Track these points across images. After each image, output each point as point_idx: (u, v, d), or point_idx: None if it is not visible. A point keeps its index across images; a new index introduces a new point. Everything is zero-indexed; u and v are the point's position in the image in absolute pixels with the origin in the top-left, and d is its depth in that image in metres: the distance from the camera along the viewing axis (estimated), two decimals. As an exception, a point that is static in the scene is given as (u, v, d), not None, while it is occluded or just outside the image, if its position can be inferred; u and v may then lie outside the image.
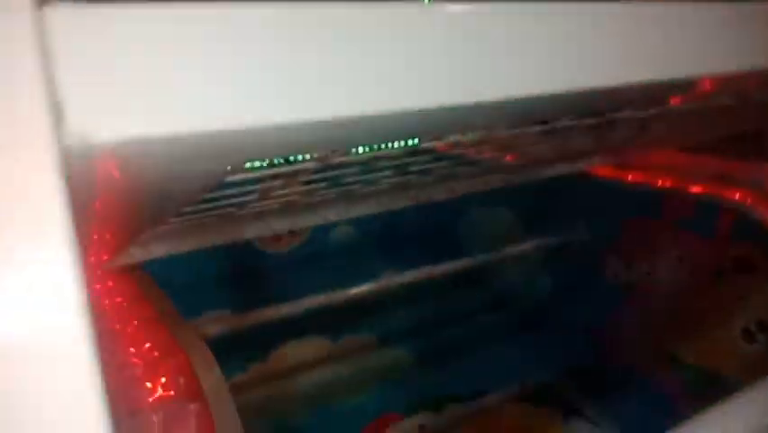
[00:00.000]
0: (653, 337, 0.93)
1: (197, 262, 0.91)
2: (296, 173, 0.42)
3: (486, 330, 1.14)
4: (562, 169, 0.79)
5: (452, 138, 0.41)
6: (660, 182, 0.93)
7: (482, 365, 1.04)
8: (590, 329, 1.03)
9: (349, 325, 1.07)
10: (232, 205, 0.47)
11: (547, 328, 1.10)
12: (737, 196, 0.86)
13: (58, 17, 0.14)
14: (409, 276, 1.01)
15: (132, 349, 0.57)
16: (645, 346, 0.94)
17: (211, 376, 0.53)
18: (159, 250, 0.62)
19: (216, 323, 0.98)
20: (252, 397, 1.00)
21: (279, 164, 0.39)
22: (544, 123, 0.43)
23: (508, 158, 0.61)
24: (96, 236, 0.43)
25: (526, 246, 1.09)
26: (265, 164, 0.38)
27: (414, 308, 1.12)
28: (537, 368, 1.03)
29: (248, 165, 0.35)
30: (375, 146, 0.40)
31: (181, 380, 0.53)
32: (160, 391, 0.52)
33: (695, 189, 0.90)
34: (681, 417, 0.41)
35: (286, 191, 0.48)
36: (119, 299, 0.61)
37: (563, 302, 1.09)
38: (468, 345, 1.09)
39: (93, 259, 0.57)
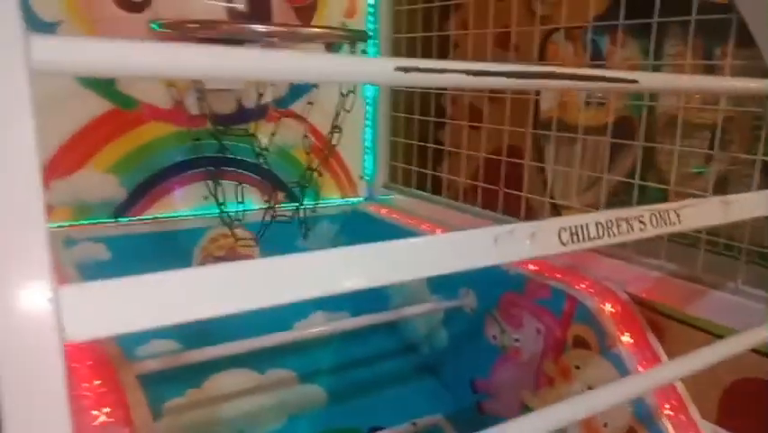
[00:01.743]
0: (515, 391, 1.15)
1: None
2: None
3: (391, 373, 1.35)
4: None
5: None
6: (529, 266, 1.16)
7: (382, 403, 1.25)
8: (472, 380, 1.24)
9: (275, 360, 1.27)
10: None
11: (441, 375, 1.31)
12: (583, 285, 1.09)
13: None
14: (336, 323, 1.20)
15: (85, 384, 0.76)
16: (510, 397, 1.16)
17: (141, 410, 0.73)
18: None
19: (161, 351, 1.17)
20: (186, 420, 1.19)
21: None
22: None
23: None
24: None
25: (430, 305, 1.30)
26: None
27: (333, 349, 1.32)
28: (428, 409, 1.24)
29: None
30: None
31: (120, 411, 0.73)
32: (103, 418, 0.72)
33: (553, 275, 1.12)
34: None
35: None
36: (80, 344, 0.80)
37: (454, 354, 1.31)
38: (373, 385, 1.30)
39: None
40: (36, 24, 1.20)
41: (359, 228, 1.65)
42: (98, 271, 1.25)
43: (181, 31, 1.13)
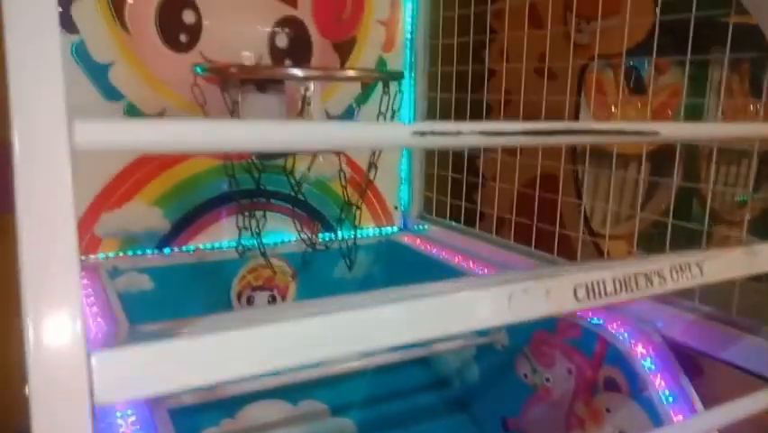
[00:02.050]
0: (546, 431, 1.14)
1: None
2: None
3: (422, 407, 1.35)
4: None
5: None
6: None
7: (413, 438, 1.25)
8: (503, 417, 1.24)
9: (307, 392, 1.29)
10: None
11: (472, 411, 1.31)
12: (614, 326, 1.08)
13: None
14: (368, 357, 1.21)
15: (118, 413, 0.79)
16: (541, 438, 1.15)
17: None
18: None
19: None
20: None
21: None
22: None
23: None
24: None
25: (462, 341, 1.31)
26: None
27: (365, 382, 1.33)
28: (458, 445, 1.24)
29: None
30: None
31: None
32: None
33: (584, 315, 1.11)
34: None
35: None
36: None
37: (486, 390, 1.31)
38: (404, 419, 1.30)
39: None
40: (91, 66, 1.27)
41: (394, 259, 1.67)
42: (142, 301, 1.31)
43: (223, 74, 1.19)
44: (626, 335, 1.04)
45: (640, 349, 1.02)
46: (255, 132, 0.44)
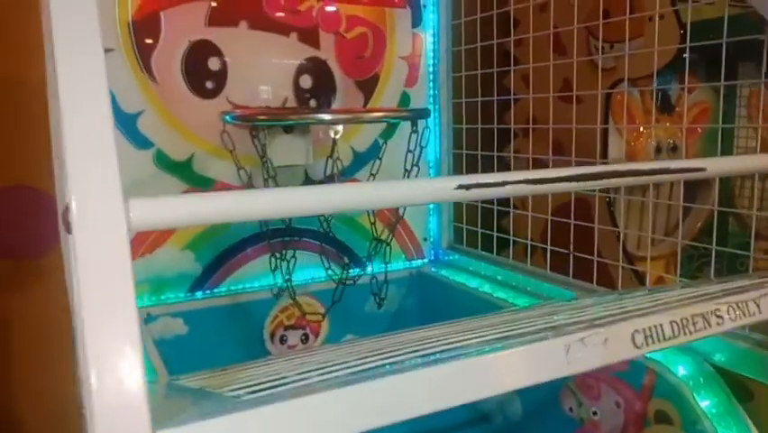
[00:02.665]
0: (595, 469, 1.10)
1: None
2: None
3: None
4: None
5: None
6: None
7: (457, 477, 1.22)
8: (549, 454, 1.20)
9: None
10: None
11: (516, 448, 1.28)
12: (663, 358, 1.05)
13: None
14: None
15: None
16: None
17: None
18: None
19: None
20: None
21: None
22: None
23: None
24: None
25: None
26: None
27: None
28: (504, 484, 1.21)
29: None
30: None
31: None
32: None
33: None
34: None
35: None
36: None
37: (530, 425, 1.27)
38: (447, 457, 1.27)
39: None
40: (121, 117, 1.30)
41: (425, 291, 1.65)
42: (177, 346, 1.31)
43: (252, 122, 1.20)
44: (676, 366, 1.01)
45: (691, 380, 0.99)
46: (312, 196, 0.43)
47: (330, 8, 1.47)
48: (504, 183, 0.50)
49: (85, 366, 0.36)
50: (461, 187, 0.48)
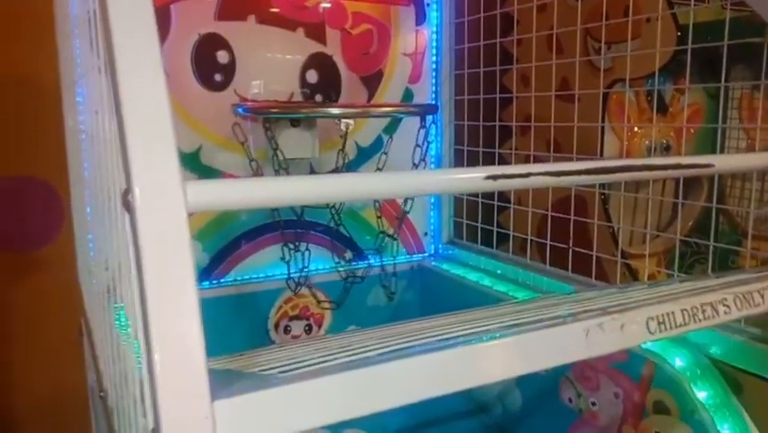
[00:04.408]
0: (594, 457, 1.14)
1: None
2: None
3: (464, 433, 1.35)
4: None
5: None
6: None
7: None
8: (548, 443, 1.24)
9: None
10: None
11: (515, 437, 1.31)
12: (661, 349, 1.08)
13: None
14: None
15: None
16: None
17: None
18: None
19: None
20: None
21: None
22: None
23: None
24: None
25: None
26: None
27: (403, 408, 1.34)
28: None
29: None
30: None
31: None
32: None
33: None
34: None
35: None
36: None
37: (529, 416, 1.31)
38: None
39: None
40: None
41: (426, 285, 1.68)
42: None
43: (266, 114, 1.22)
44: (673, 357, 1.05)
45: (688, 372, 1.02)
46: (344, 184, 0.46)
47: (336, 5, 1.49)
48: (528, 174, 0.53)
49: (147, 341, 0.38)
50: (489, 177, 0.51)
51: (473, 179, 0.51)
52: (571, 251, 1.34)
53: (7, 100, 1.62)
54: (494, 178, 0.51)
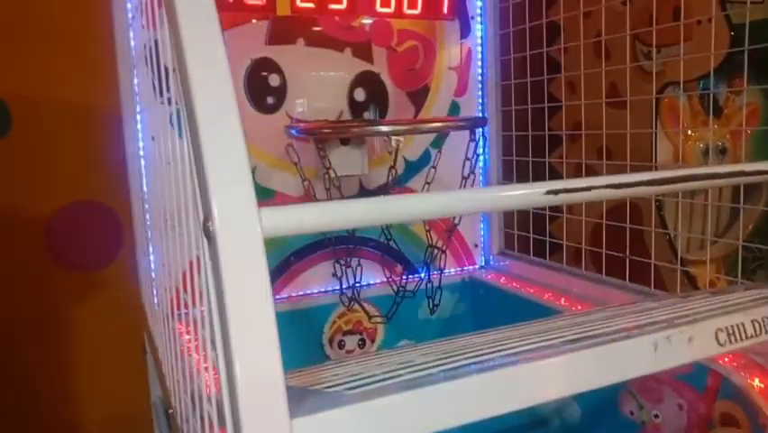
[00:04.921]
0: (660, 471, 1.11)
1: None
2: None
3: (524, 447, 1.34)
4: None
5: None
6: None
7: (517, 480, 1.24)
8: (610, 457, 1.21)
9: None
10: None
11: (575, 451, 1.28)
12: (726, 359, 1.05)
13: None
14: None
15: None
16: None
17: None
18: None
19: None
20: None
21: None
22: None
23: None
24: None
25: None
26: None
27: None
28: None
29: None
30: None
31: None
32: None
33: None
34: None
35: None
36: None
37: (589, 429, 1.28)
38: (507, 460, 1.29)
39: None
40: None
41: (477, 298, 1.67)
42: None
43: (316, 134, 1.25)
44: (739, 368, 1.01)
45: (757, 382, 0.99)
46: (407, 205, 0.47)
47: (382, 23, 1.52)
48: (590, 188, 0.53)
49: (228, 359, 0.40)
50: (549, 192, 0.51)
51: (533, 194, 0.52)
52: (627, 259, 1.32)
53: (65, 125, 1.71)
54: (555, 192, 0.52)
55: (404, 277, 1.49)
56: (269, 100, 1.42)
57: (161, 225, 0.92)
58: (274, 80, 1.42)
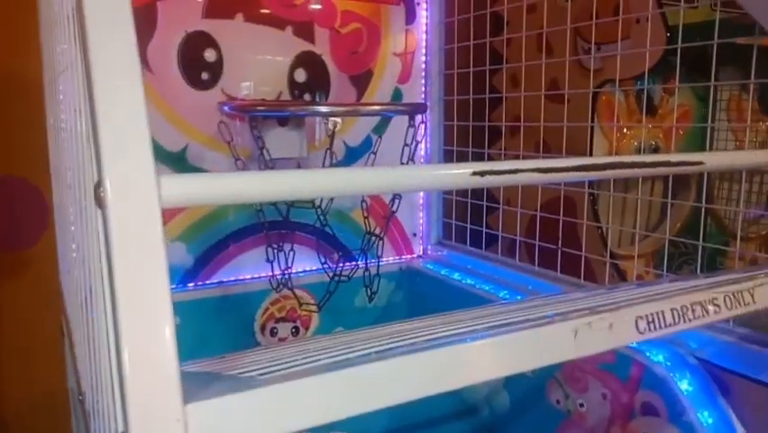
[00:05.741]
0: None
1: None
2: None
3: (453, 436, 1.34)
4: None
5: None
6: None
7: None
8: (536, 445, 1.23)
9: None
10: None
11: (503, 439, 1.30)
12: (649, 350, 1.07)
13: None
14: None
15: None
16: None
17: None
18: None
19: None
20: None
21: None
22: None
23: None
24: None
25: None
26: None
27: (390, 409, 1.32)
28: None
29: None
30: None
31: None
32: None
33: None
34: None
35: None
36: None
37: (517, 417, 1.30)
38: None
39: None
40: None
41: (414, 286, 1.67)
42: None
43: (251, 112, 1.20)
44: (661, 358, 1.04)
45: (677, 373, 1.02)
46: (324, 178, 0.44)
47: (325, 3, 1.48)
48: (516, 171, 0.52)
49: (118, 341, 0.36)
50: (476, 173, 0.50)
51: (460, 174, 0.50)
52: (560, 252, 1.33)
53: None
54: (481, 174, 0.50)
55: (340, 264, 1.46)
56: (204, 76, 1.36)
57: (74, 201, 0.86)
58: (210, 55, 1.36)
